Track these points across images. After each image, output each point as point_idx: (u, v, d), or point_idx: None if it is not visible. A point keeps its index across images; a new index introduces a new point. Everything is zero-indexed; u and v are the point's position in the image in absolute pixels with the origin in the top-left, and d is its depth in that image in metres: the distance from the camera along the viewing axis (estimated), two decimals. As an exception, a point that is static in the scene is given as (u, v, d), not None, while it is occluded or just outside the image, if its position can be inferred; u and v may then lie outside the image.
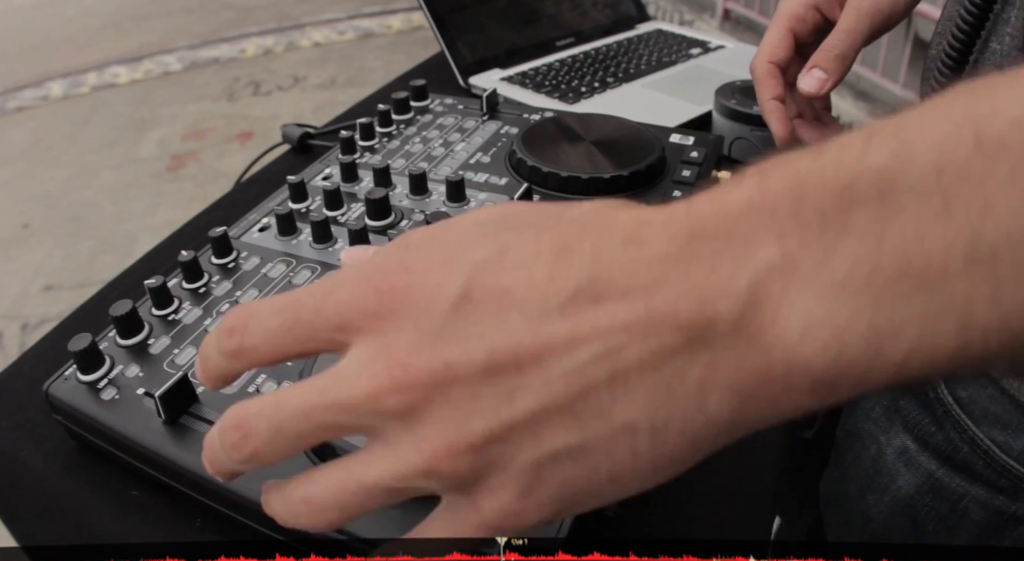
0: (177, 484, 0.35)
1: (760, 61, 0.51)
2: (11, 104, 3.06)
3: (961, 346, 0.16)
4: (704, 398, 0.19)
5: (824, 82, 0.49)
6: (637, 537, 0.36)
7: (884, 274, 0.16)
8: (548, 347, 0.19)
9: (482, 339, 0.19)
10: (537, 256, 0.20)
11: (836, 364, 0.17)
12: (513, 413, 0.19)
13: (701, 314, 0.18)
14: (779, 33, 0.51)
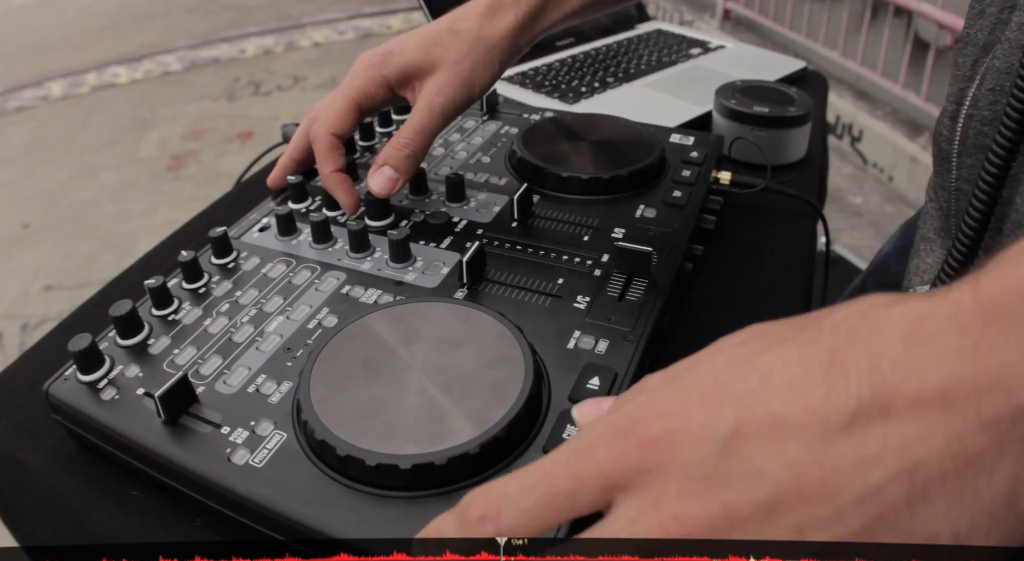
0: (177, 484, 0.35)
1: (322, 132, 0.49)
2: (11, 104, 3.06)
3: None
4: (1015, 496, 0.17)
5: (395, 182, 0.48)
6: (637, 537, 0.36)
7: None
8: (835, 473, 0.17)
9: (760, 475, 0.18)
10: (806, 374, 0.18)
11: None
12: (805, 552, 0.18)
13: (1008, 406, 0.17)
14: (345, 107, 0.48)
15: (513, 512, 0.21)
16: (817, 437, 0.18)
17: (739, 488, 0.18)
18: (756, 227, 0.59)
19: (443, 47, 0.48)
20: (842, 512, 0.17)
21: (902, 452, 0.17)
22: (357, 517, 0.30)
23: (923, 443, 0.17)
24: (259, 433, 0.34)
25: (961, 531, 0.17)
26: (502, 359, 0.35)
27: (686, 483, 0.19)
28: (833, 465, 0.17)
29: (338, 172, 0.49)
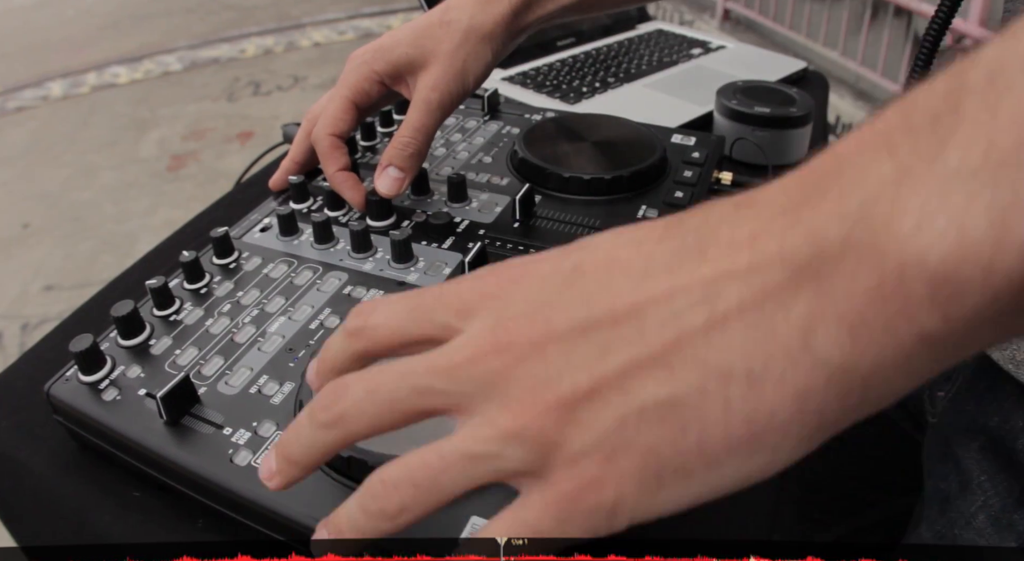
0: (178, 485, 0.34)
1: (322, 134, 0.49)
2: (11, 104, 3.06)
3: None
4: (810, 335, 0.17)
5: (401, 181, 0.48)
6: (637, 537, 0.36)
7: (1001, 149, 0.15)
8: (647, 301, 0.19)
9: (584, 301, 0.20)
10: (651, 230, 0.21)
11: (957, 251, 0.15)
12: (604, 368, 0.19)
13: (807, 243, 0.17)
14: (342, 105, 0.48)
15: (382, 310, 0.23)
16: (641, 272, 0.19)
17: (563, 310, 0.20)
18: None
19: (435, 39, 0.47)
20: (644, 333, 0.19)
21: (707, 284, 0.18)
22: (359, 518, 0.30)
23: (727, 277, 0.18)
24: (261, 434, 0.34)
25: (755, 368, 0.17)
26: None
27: (523, 306, 0.20)
28: (647, 294, 0.19)
29: (343, 171, 0.49)
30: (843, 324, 0.17)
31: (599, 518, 0.20)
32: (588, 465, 0.19)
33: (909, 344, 0.16)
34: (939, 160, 0.16)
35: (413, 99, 0.48)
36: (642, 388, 0.19)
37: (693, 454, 0.18)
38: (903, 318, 0.16)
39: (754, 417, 0.18)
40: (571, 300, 0.20)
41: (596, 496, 0.19)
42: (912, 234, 0.16)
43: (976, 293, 0.15)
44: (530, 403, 0.19)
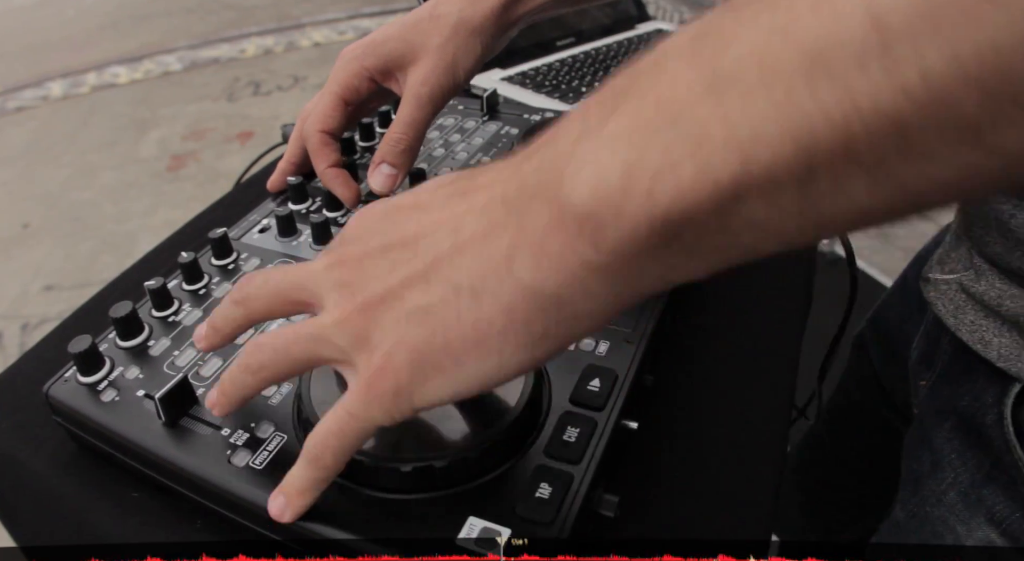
0: (177, 486, 0.34)
1: (311, 131, 0.49)
2: (11, 104, 3.06)
3: (700, 166, 0.18)
4: (511, 261, 0.21)
5: (394, 178, 0.48)
6: (637, 537, 0.36)
7: (643, 119, 0.19)
8: (423, 230, 0.24)
9: (391, 229, 0.25)
10: (448, 178, 0.26)
11: (595, 194, 0.19)
12: (391, 280, 0.24)
13: (517, 188, 0.22)
14: (331, 102, 0.48)
15: (258, 291, 0.29)
16: (426, 208, 0.25)
17: (378, 235, 0.26)
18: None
19: (424, 34, 0.47)
20: (416, 255, 0.24)
21: (457, 218, 0.24)
22: (357, 518, 0.30)
23: (469, 213, 0.23)
24: (259, 435, 0.34)
25: (476, 287, 0.22)
26: (502, 360, 0.35)
27: (358, 232, 0.27)
28: (424, 225, 0.24)
29: (333, 167, 0.49)
30: (531, 252, 0.21)
31: (388, 402, 0.24)
32: (377, 357, 0.24)
33: (577, 269, 0.20)
34: (604, 125, 0.20)
35: (404, 94, 0.47)
36: (411, 297, 0.24)
37: (442, 352, 0.23)
38: (568, 248, 0.20)
39: (478, 325, 0.22)
40: (384, 228, 0.26)
41: (382, 382, 0.24)
42: (570, 180, 0.20)
43: (612, 229, 0.19)
44: (350, 303, 0.25)
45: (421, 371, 0.23)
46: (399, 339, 0.24)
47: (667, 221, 0.19)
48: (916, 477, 0.47)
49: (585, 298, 0.21)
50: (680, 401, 0.43)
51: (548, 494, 0.30)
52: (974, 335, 0.41)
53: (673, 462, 0.40)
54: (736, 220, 0.18)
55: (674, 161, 0.18)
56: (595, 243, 0.20)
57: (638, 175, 0.19)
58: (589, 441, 0.33)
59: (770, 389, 0.45)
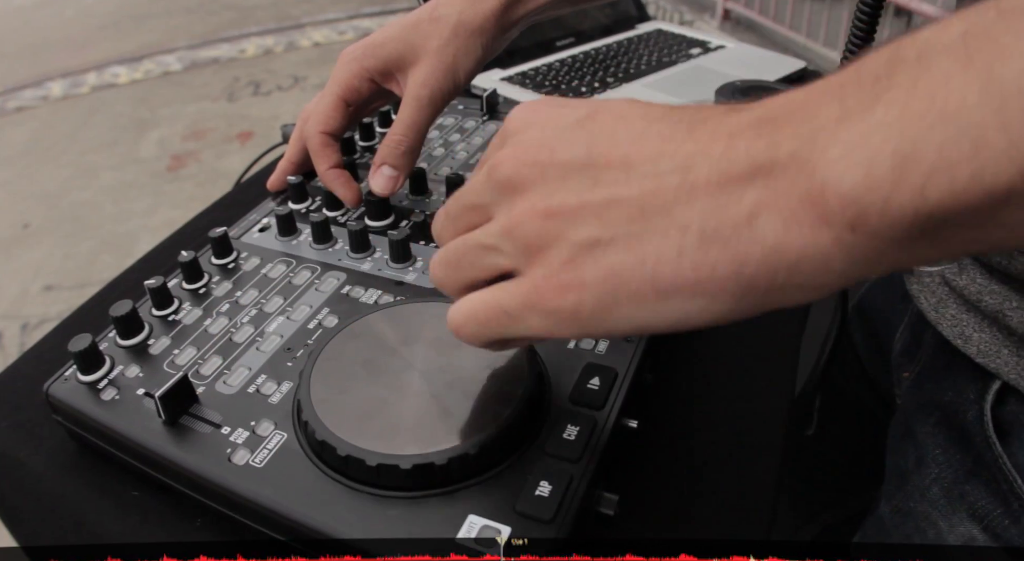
0: (177, 484, 0.35)
1: (313, 132, 0.49)
2: (11, 104, 3.06)
3: (976, 171, 0.18)
4: (755, 217, 0.21)
5: (395, 180, 0.48)
6: (637, 537, 0.36)
7: (913, 112, 0.19)
8: (638, 155, 0.23)
9: (590, 142, 0.24)
10: (659, 108, 0.25)
11: (864, 181, 0.19)
12: (590, 196, 0.23)
13: (767, 150, 0.21)
14: (332, 103, 0.48)
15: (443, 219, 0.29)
16: (639, 133, 0.24)
17: (569, 146, 0.25)
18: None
19: (424, 35, 0.47)
20: (629, 179, 0.23)
21: (687, 156, 0.23)
22: (357, 517, 0.30)
23: (703, 156, 0.22)
24: (259, 433, 0.34)
25: (707, 230, 0.22)
26: (502, 359, 0.35)
27: (540, 138, 0.25)
28: (639, 151, 0.23)
29: (334, 168, 0.49)
30: (780, 215, 0.21)
31: (558, 318, 0.24)
32: (560, 270, 0.24)
33: (825, 243, 0.20)
34: (870, 111, 0.20)
35: (404, 96, 0.48)
36: (618, 220, 0.23)
37: (647, 282, 0.23)
38: (822, 222, 0.20)
39: (700, 266, 0.22)
40: (576, 139, 0.25)
41: (560, 297, 0.24)
42: (836, 161, 0.20)
43: (875, 217, 0.19)
44: (527, 211, 0.24)
45: (613, 297, 0.23)
46: (594, 260, 0.23)
47: (932, 218, 0.19)
48: (901, 472, 0.48)
49: (820, 270, 0.21)
50: (680, 400, 0.43)
51: (548, 492, 0.30)
52: (955, 330, 0.41)
53: (673, 461, 0.40)
54: (995, 221, 0.19)
55: (951, 162, 0.18)
56: (853, 226, 0.20)
57: (912, 169, 0.19)
58: (589, 440, 0.33)
59: (770, 389, 0.45)
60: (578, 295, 0.23)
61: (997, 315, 0.38)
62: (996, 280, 0.38)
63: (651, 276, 0.22)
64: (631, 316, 0.23)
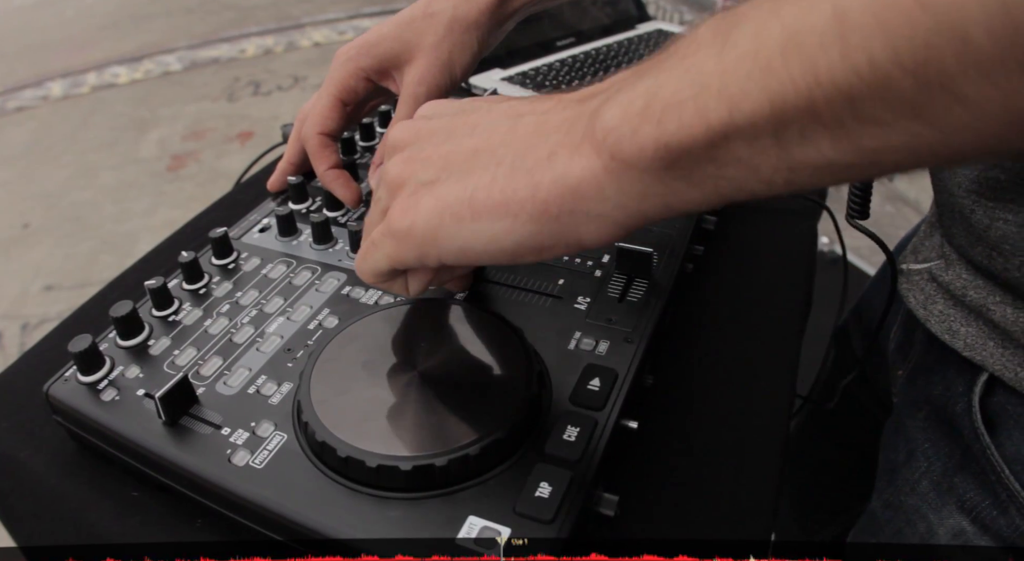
0: (177, 485, 0.35)
1: (310, 133, 0.49)
2: (11, 104, 3.06)
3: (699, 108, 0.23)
4: (554, 155, 0.27)
5: None
6: (637, 537, 0.36)
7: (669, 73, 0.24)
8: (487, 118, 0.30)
9: (454, 117, 0.32)
10: (520, 98, 0.32)
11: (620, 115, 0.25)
12: (441, 148, 0.30)
13: (577, 110, 0.28)
14: (329, 104, 0.49)
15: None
16: (496, 103, 0.31)
17: (442, 120, 0.32)
18: (756, 227, 0.59)
19: (418, 32, 0.47)
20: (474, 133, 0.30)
21: (520, 115, 0.30)
22: (357, 518, 0.30)
23: (531, 113, 0.29)
24: (259, 434, 0.34)
25: (516, 162, 0.28)
26: (502, 360, 0.35)
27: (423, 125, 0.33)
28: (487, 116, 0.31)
29: (333, 169, 0.49)
30: (569, 150, 0.27)
31: (398, 238, 0.30)
32: (405, 201, 0.30)
33: (597, 170, 0.26)
34: (648, 76, 0.25)
35: (400, 94, 0.48)
36: (455, 162, 0.29)
37: (465, 204, 0.28)
38: (594, 152, 0.26)
39: (505, 190, 0.28)
40: (446, 119, 0.32)
41: (401, 220, 0.30)
42: (609, 107, 0.26)
43: (627, 144, 0.25)
44: (394, 161, 0.31)
45: (439, 217, 0.29)
46: (428, 190, 0.29)
47: (669, 147, 0.24)
48: (892, 467, 0.48)
49: (597, 197, 0.26)
50: (680, 401, 0.43)
51: (548, 493, 0.30)
52: (942, 326, 0.42)
53: (673, 462, 0.40)
54: (724, 155, 0.23)
55: (680, 100, 0.23)
56: (613, 153, 0.25)
57: (653, 106, 0.24)
58: (589, 440, 0.33)
59: (770, 389, 0.45)
60: (412, 217, 0.29)
61: (981, 309, 0.39)
62: (980, 276, 0.39)
63: (469, 199, 0.28)
64: (453, 235, 0.29)
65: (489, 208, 0.28)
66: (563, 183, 0.27)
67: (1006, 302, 0.37)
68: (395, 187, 0.31)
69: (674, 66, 0.24)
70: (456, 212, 0.28)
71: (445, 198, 0.29)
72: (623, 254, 0.42)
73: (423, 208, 0.29)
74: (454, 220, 0.28)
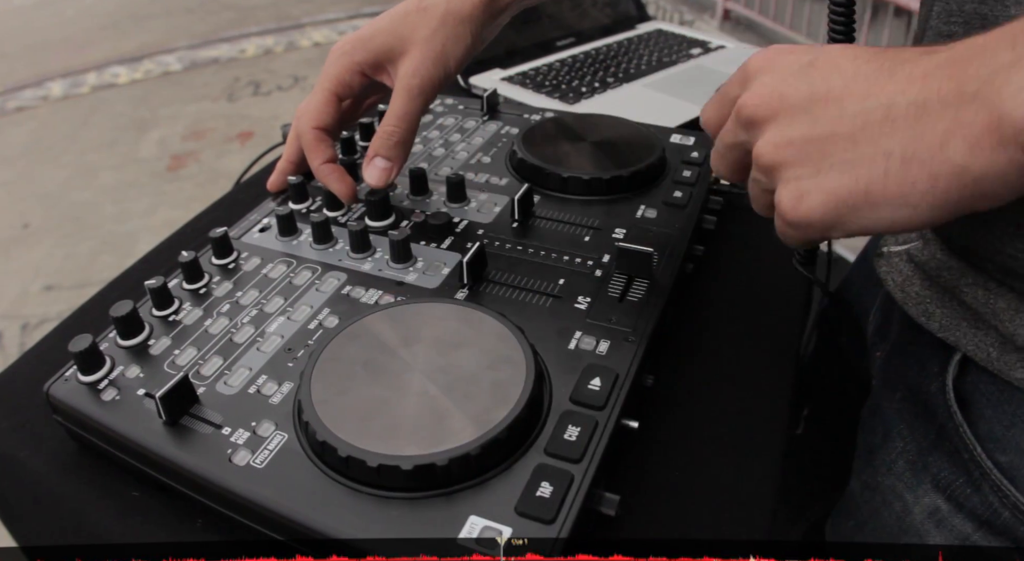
0: (177, 485, 0.34)
1: (305, 128, 0.49)
2: (11, 104, 3.06)
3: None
4: (946, 144, 0.26)
5: (389, 171, 0.48)
6: (638, 537, 0.36)
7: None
8: (851, 96, 0.29)
9: (810, 84, 0.30)
10: (866, 53, 0.30)
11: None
12: (812, 131, 0.30)
13: (955, 89, 0.26)
14: (323, 98, 0.49)
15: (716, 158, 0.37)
16: (851, 76, 0.30)
17: (795, 88, 0.31)
18: (756, 227, 0.59)
19: (412, 26, 0.47)
20: (843, 116, 0.29)
21: (889, 96, 0.28)
22: (358, 518, 0.30)
23: (902, 94, 0.28)
24: (260, 434, 0.34)
25: (907, 155, 0.27)
26: (503, 360, 0.35)
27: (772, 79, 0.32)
28: (851, 91, 0.29)
29: (328, 163, 0.49)
30: (966, 141, 0.26)
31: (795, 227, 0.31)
32: (793, 186, 0.30)
33: (1003, 162, 0.25)
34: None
35: (395, 87, 0.47)
36: (834, 150, 0.29)
37: (861, 196, 0.28)
38: (1000, 147, 0.25)
39: (902, 182, 0.27)
40: (801, 84, 0.30)
41: (796, 213, 0.30)
42: (1011, 97, 0.25)
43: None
44: (766, 145, 0.31)
45: (835, 210, 0.29)
46: (817, 183, 0.29)
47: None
48: (869, 448, 0.49)
49: (1000, 185, 0.26)
50: (680, 401, 0.43)
51: (549, 493, 0.30)
52: (919, 308, 0.43)
53: (673, 462, 0.40)
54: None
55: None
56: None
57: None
58: (590, 440, 0.33)
59: (770, 389, 0.45)
60: (807, 212, 0.30)
61: (954, 290, 0.40)
62: (955, 256, 0.40)
63: (864, 192, 0.28)
64: (852, 222, 0.29)
65: (887, 200, 0.28)
66: (965, 175, 0.26)
67: (978, 284, 0.39)
68: (771, 172, 0.31)
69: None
70: (852, 204, 0.29)
71: (837, 192, 0.29)
72: (623, 254, 0.42)
73: (815, 202, 0.29)
74: (851, 210, 0.29)
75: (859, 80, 0.29)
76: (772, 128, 0.31)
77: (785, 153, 0.30)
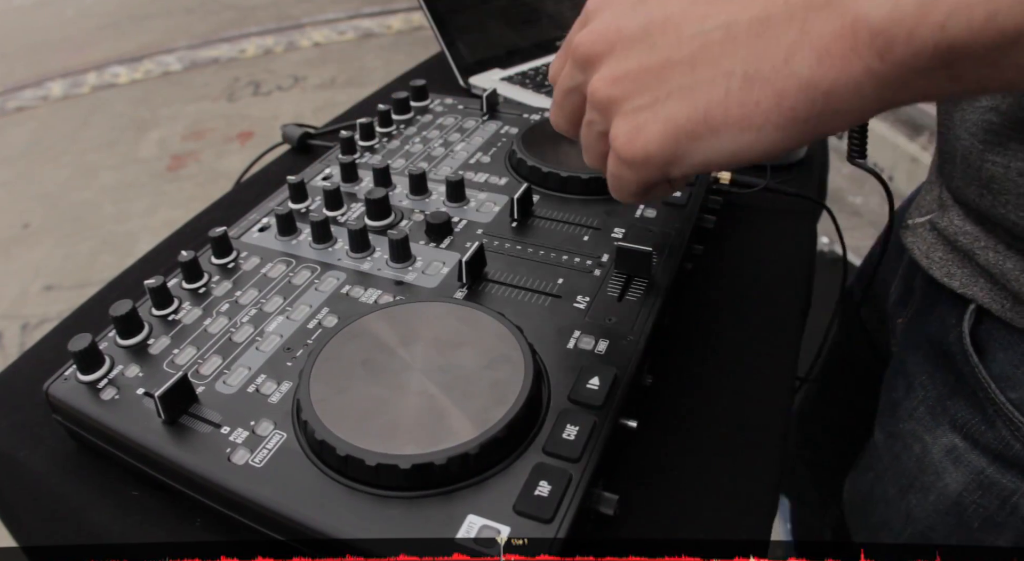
0: (177, 484, 0.35)
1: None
2: (11, 104, 3.06)
3: (991, 12, 0.21)
4: (791, 56, 0.24)
5: None
6: (637, 537, 0.36)
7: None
8: (687, 19, 0.27)
9: (648, 13, 0.28)
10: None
11: (891, 15, 0.22)
12: (649, 60, 0.28)
13: (804, 1, 0.24)
14: None
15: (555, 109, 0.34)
16: (689, 1, 0.28)
17: (630, 19, 0.29)
18: (756, 227, 0.59)
19: None
20: (680, 40, 0.27)
21: (727, 13, 0.26)
22: (357, 517, 0.30)
23: (744, 11, 0.26)
24: (259, 433, 0.34)
25: (749, 72, 0.25)
26: (502, 359, 0.35)
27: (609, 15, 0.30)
28: (686, 16, 0.27)
29: None
30: (814, 52, 0.24)
31: (635, 165, 0.29)
32: (624, 124, 0.28)
33: (856, 72, 0.23)
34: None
35: None
36: (672, 77, 0.27)
37: (701, 122, 0.27)
38: (854, 54, 0.23)
39: (745, 103, 0.26)
40: (637, 15, 0.29)
41: (631, 148, 0.28)
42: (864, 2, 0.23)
43: (900, 47, 0.22)
44: (600, 80, 0.29)
45: (674, 141, 0.27)
46: (654, 113, 0.28)
47: (950, 50, 0.22)
48: (892, 403, 0.51)
49: (853, 98, 0.24)
50: (680, 400, 0.43)
51: (547, 492, 0.30)
52: (942, 270, 0.45)
53: (673, 461, 0.40)
54: (1006, 61, 0.22)
55: (970, 3, 0.21)
56: (881, 55, 0.23)
57: (935, 7, 0.22)
58: (588, 439, 0.33)
59: (770, 389, 0.45)
60: (644, 145, 0.28)
61: (970, 253, 0.43)
62: (971, 222, 0.42)
63: (703, 118, 0.26)
64: (693, 153, 0.27)
65: (729, 124, 0.26)
66: (814, 89, 0.24)
67: (989, 247, 0.41)
68: (607, 108, 0.29)
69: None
70: (691, 131, 0.27)
71: (675, 119, 0.27)
72: (622, 253, 0.42)
73: (653, 133, 0.28)
74: (691, 139, 0.27)
75: (699, 3, 0.27)
76: (607, 62, 0.29)
77: (620, 86, 0.28)
